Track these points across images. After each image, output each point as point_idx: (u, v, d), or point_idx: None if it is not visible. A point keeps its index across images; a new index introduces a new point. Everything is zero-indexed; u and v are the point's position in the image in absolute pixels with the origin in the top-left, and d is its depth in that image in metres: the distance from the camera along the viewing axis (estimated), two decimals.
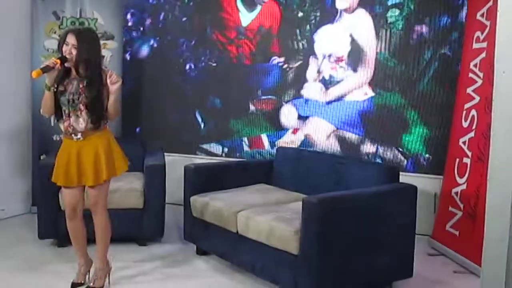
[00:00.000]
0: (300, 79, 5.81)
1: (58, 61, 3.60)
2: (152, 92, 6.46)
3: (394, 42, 5.38)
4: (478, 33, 4.67)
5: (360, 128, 5.56)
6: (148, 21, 6.43)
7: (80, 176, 3.78)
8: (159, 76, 6.44)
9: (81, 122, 3.72)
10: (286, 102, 5.89)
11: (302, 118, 5.83)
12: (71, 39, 3.65)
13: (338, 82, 5.62)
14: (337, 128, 5.65)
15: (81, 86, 3.69)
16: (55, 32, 5.67)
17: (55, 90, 3.67)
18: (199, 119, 6.32)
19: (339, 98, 5.62)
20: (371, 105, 5.50)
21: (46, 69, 3.57)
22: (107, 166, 3.76)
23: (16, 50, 5.68)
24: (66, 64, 3.66)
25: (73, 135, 3.74)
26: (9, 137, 5.69)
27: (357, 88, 5.55)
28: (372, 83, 5.49)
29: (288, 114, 5.89)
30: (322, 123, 5.72)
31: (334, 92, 5.65)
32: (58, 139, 5.45)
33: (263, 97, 6.01)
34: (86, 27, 5.35)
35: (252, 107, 6.06)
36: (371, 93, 5.49)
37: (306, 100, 5.78)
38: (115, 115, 3.81)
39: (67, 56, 3.64)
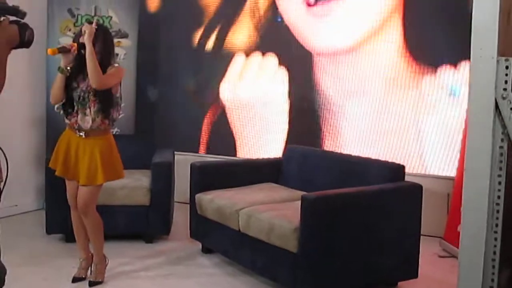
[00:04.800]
0: None
1: (75, 44, 3.66)
2: (166, 93, 6.41)
3: None
4: None
5: None
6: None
7: (76, 172, 3.79)
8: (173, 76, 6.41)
9: (87, 120, 3.74)
10: None
11: None
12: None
13: None
14: None
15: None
16: (70, 30, 5.72)
17: (67, 74, 3.68)
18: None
19: None
20: None
21: (62, 50, 3.63)
22: (103, 170, 3.74)
23: (32, 47, 5.68)
24: (83, 51, 3.65)
25: (77, 131, 3.77)
26: (24, 133, 5.75)
27: None
28: None
29: None
30: None
31: None
32: None
33: None
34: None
35: None
36: None
37: None
38: (97, 83, 3.63)
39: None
